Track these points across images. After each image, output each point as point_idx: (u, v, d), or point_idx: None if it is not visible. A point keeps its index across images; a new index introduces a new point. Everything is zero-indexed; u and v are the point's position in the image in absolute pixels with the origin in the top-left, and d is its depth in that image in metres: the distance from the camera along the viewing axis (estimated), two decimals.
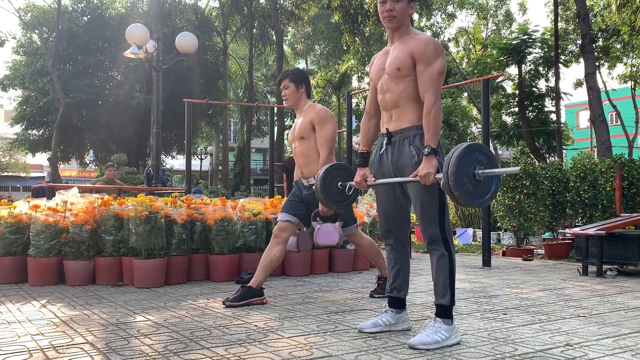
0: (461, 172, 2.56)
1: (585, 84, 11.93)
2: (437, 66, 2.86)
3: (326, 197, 3.36)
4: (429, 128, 2.81)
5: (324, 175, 3.35)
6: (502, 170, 2.65)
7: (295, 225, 4.03)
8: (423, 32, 3.06)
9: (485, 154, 2.65)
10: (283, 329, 3.13)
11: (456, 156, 2.57)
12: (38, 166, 41.05)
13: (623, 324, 3.29)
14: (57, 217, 5.01)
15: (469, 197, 2.59)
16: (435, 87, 2.84)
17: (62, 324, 3.29)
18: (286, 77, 4.18)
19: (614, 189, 6.95)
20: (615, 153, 8.99)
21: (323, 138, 3.97)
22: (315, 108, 4.10)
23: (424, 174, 2.75)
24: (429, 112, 2.81)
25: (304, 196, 4.05)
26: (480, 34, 31.98)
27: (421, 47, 2.88)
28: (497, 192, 2.72)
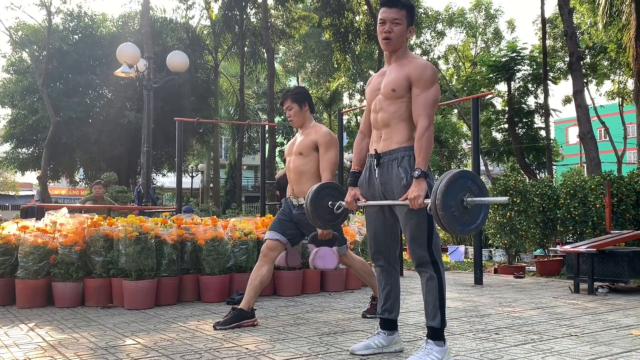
0: (450, 195, 2.56)
1: (574, 101, 12.04)
2: (432, 92, 2.87)
3: (315, 214, 3.34)
4: (420, 152, 2.80)
5: (316, 191, 3.34)
6: (490, 199, 2.65)
7: (283, 244, 4.00)
8: (420, 57, 3.08)
9: (477, 184, 2.65)
10: (274, 352, 3.09)
11: (448, 178, 2.57)
12: (27, 184, 40.76)
13: (615, 343, 3.29)
14: (46, 238, 4.96)
15: (452, 221, 2.57)
16: (429, 112, 2.85)
17: (50, 348, 3.24)
18: (288, 97, 4.11)
19: (604, 205, 6.99)
20: (605, 169, 9.06)
21: (327, 161, 3.92)
22: (321, 130, 4.03)
23: (413, 197, 2.74)
24: (422, 136, 2.80)
25: (293, 215, 4.03)
26: (470, 52, 32.28)
27: (418, 71, 2.88)
28: (483, 224, 2.71)
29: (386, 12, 2.95)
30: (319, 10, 24.10)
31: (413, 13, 2.99)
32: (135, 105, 21.30)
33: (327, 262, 3.89)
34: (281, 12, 24.76)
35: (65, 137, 20.63)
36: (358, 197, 3.12)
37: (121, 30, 22.74)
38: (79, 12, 22.56)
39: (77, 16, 22.47)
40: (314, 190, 3.34)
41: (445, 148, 21.27)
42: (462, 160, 23.78)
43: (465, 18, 30.96)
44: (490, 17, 31.47)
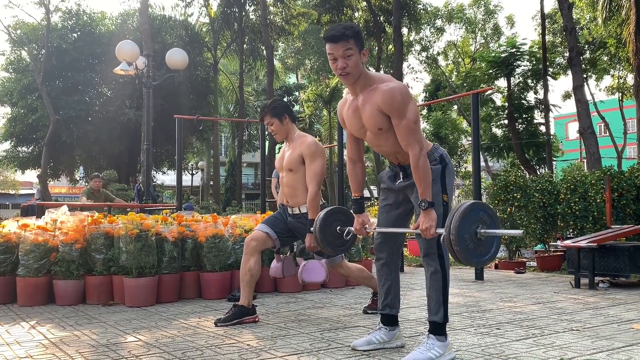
0: (464, 228, 2.55)
1: (574, 97, 12.04)
2: (410, 115, 2.76)
3: (323, 239, 3.31)
4: (420, 182, 2.75)
5: (324, 217, 3.31)
6: (504, 231, 2.64)
7: (271, 239, 3.97)
8: (384, 76, 2.90)
9: (489, 214, 2.64)
10: (276, 348, 3.10)
11: (461, 212, 2.56)
12: (27, 183, 40.79)
13: (616, 338, 3.29)
14: (46, 236, 4.96)
15: (468, 255, 2.57)
16: (416, 136, 2.77)
17: (52, 345, 3.24)
18: (266, 113, 4.05)
19: (604, 200, 6.99)
20: (605, 164, 9.06)
21: (312, 173, 3.88)
22: (306, 141, 3.97)
23: (424, 228, 2.73)
24: (417, 166, 2.75)
25: (288, 222, 4.04)
26: (469, 48, 32.25)
27: (387, 101, 2.77)
28: (497, 254, 2.69)
29: (334, 47, 2.81)
30: (318, 6, 24.08)
31: (360, 36, 2.84)
32: (134, 103, 21.28)
33: (314, 275, 3.89)
34: (280, 9, 24.76)
35: (64, 136, 20.62)
36: (366, 224, 3.11)
37: (120, 28, 22.70)
38: (77, 10, 22.52)
39: (75, 14, 22.43)
40: (322, 218, 3.30)
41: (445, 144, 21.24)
42: (462, 156, 23.75)
43: (465, 14, 30.94)
44: (490, 13, 31.44)
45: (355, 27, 2.86)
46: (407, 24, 25.08)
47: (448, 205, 2.92)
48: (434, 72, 30.35)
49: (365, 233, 3.15)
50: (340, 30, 2.81)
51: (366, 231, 3.13)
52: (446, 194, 2.91)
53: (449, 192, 2.93)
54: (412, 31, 28.32)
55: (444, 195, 2.90)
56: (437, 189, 2.89)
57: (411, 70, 34.33)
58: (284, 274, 4.17)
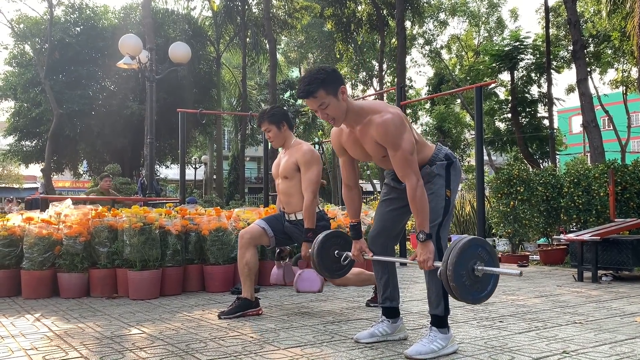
0: (461, 264, 2.52)
1: (577, 90, 12.00)
2: (405, 146, 2.71)
3: (320, 263, 3.28)
4: (417, 213, 2.72)
5: (322, 241, 3.28)
6: (501, 270, 2.59)
7: (267, 236, 3.98)
8: (375, 106, 2.84)
9: (487, 251, 2.61)
10: (279, 340, 3.11)
11: (458, 248, 2.53)
12: (31, 177, 40.85)
13: (619, 330, 3.29)
14: (50, 229, 4.98)
15: (464, 291, 2.54)
16: (412, 167, 2.72)
17: (57, 337, 3.26)
18: (264, 119, 4.06)
19: (608, 194, 6.98)
20: (608, 158, 9.03)
21: (308, 181, 3.87)
22: (301, 149, 3.97)
23: (422, 260, 2.71)
24: (414, 197, 2.71)
25: (285, 226, 4.05)
26: (473, 41, 32.13)
27: (381, 134, 2.73)
28: (493, 292, 2.65)
29: (308, 103, 2.80)
30: (321, 0, 24.01)
31: (330, 81, 2.75)
32: (137, 97, 21.29)
33: (310, 285, 3.90)
34: (283, 3, 24.71)
35: (68, 130, 20.65)
36: (364, 250, 3.09)
37: (123, 22, 22.68)
38: (80, 4, 22.50)
39: (78, 8, 22.41)
40: (320, 241, 3.28)
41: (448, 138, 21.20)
42: (465, 150, 23.72)
43: (468, 7, 30.79)
44: (493, 6, 31.28)
45: (321, 74, 2.76)
46: (410, 17, 25.00)
47: (450, 200, 2.91)
48: (437, 65, 30.25)
49: (363, 260, 3.12)
50: (304, 88, 2.76)
51: (364, 258, 3.10)
52: (449, 189, 2.90)
53: (452, 188, 2.92)
54: (416, 24, 28.23)
55: (447, 190, 2.89)
56: (440, 182, 2.89)
57: (414, 64, 34.30)
58: (285, 280, 4.18)
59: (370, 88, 30.22)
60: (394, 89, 9.36)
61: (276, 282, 4.23)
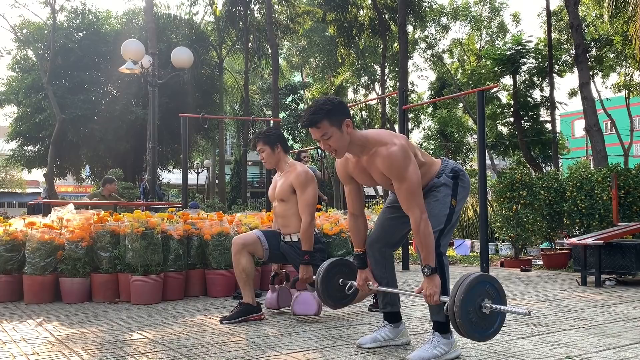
0: (469, 301, 2.51)
1: (580, 94, 11.98)
2: (410, 178, 2.70)
3: (325, 291, 3.26)
4: (422, 247, 2.71)
5: (327, 269, 3.26)
6: (509, 308, 2.57)
7: (262, 247, 3.95)
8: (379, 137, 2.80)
9: (495, 288, 2.60)
10: (281, 345, 3.10)
11: (467, 284, 2.52)
12: (34, 182, 40.94)
13: (623, 335, 3.27)
14: (52, 234, 4.98)
15: (470, 328, 2.53)
16: (417, 200, 2.71)
17: (58, 343, 3.26)
18: (259, 140, 4.05)
19: (611, 198, 6.96)
20: (611, 162, 9.01)
21: (304, 203, 3.86)
22: (295, 171, 3.95)
23: (428, 294, 2.69)
24: (418, 231, 2.70)
25: (281, 246, 4.04)
26: (475, 45, 32.13)
27: (387, 167, 2.73)
28: (500, 329, 2.64)
29: (312, 132, 2.78)
30: (323, 4, 24.07)
31: (335, 112, 2.74)
32: (140, 102, 21.33)
33: (307, 308, 3.86)
34: (285, 7, 24.76)
35: (71, 135, 20.68)
36: (369, 280, 3.07)
37: (125, 27, 22.74)
38: (83, 9, 22.57)
39: (81, 13, 22.48)
40: (324, 269, 3.26)
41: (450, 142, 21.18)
42: (468, 154, 23.69)
43: (470, 11, 30.82)
44: (495, 10, 31.31)
45: (327, 105, 2.75)
46: (412, 21, 25.04)
47: (455, 210, 2.90)
48: (439, 69, 30.26)
49: (368, 290, 3.10)
50: (309, 117, 2.75)
51: (369, 288, 3.08)
52: (455, 199, 2.89)
53: (458, 199, 2.91)
54: (418, 29, 28.27)
55: (453, 200, 2.88)
56: (447, 192, 2.88)
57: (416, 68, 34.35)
58: (279, 305, 4.17)
59: (372, 92, 30.25)
60: (396, 93, 9.36)
61: (270, 307, 4.20)
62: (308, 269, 3.78)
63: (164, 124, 19.41)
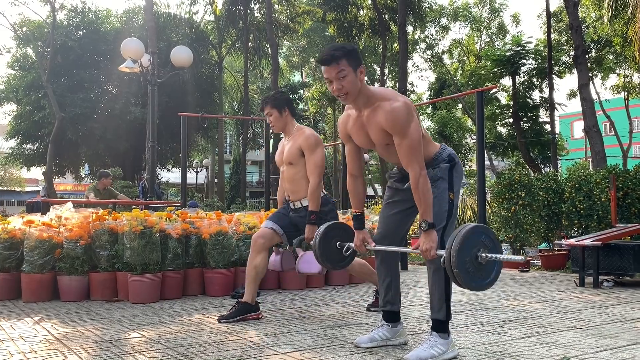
0: (465, 251, 2.53)
1: (579, 95, 12.00)
2: (412, 135, 2.72)
3: (323, 254, 3.27)
4: (420, 202, 2.73)
5: (324, 232, 3.27)
6: (505, 257, 2.61)
7: (278, 235, 3.96)
8: (386, 93, 2.84)
9: (491, 239, 2.62)
10: (279, 345, 3.10)
11: (462, 235, 2.53)
12: (33, 180, 40.91)
13: (620, 336, 3.28)
14: (51, 232, 4.98)
15: (467, 278, 2.55)
16: (417, 156, 2.73)
17: (56, 341, 3.26)
18: (267, 103, 4.06)
19: (609, 199, 6.96)
20: (610, 163, 9.02)
21: (312, 165, 3.88)
22: (304, 133, 3.97)
23: (424, 249, 2.72)
24: (417, 186, 2.72)
25: (291, 217, 4.03)
26: (474, 46, 32.15)
27: (389, 121, 2.75)
28: (497, 279, 2.66)
29: (327, 70, 2.79)
30: (323, 4, 24.06)
31: (353, 55, 2.79)
32: (140, 101, 21.32)
33: (310, 267, 3.87)
34: (285, 7, 24.76)
35: (70, 133, 20.67)
36: (367, 241, 3.09)
37: (125, 26, 22.73)
38: (83, 7, 22.57)
39: (81, 12, 22.47)
40: (322, 232, 3.26)
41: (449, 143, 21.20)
42: (467, 155, 23.71)
43: (470, 12, 30.83)
44: (495, 11, 31.32)
45: (347, 46, 2.82)
46: (412, 22, 25.04)
47: (454, 203, 2.91)
48: (438, 70, 30.28)
49: (365, 250, 3.12)
50: (329, 52, 2.78)
51: (366, 248, 3.10)
52: (452, 192, 2.91)
53: (455, 190, 2.93)
54: (417, 29, 28.26)
55: (450, 193, 2.90)
56: (444, 186, 2.89)
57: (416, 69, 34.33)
58: (282, 267, 4.17)
59: None
60: None
61: (274, 269, 4.22)
62: (314, 228, 3.71)
63: (163, 123, 19.41)
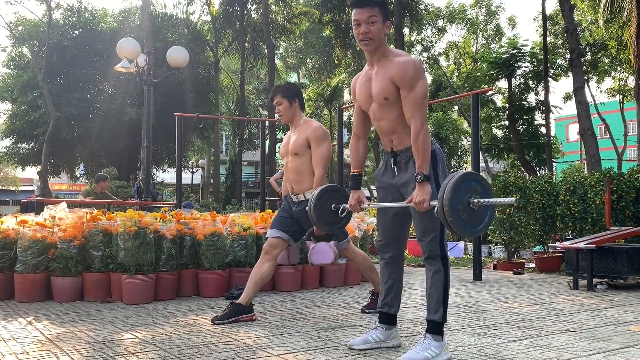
0: (456, 199, 2.54)
1: (574, 98, 12.04)
2: (419, 89, 2.82)
3: (319, 217, 3.30)
4: (418, 155, 2.78)
5: (318, 196, 3.30)
6: (497, 200, 2.64)
7: (285, 241, 4.00)
8: (401, 52, 3.00)
9: (482, 184, 2.64)
10: (272, 347, 3.09)
11: (453, 183, 2.55)
12: (28, 180, 40.78)
13: (613, 339, 3.28)
14: (45, 232, 4.96)
15: (461, 225, 2.57)
16: (421, 111, 2.82)
17: (48, 342, 3.24)
18: (278, 93, 4.10)
19: (604, 202, 6.98)
20: (605, 166, 9.05)
21: (319, 156, 3.91)
22: (312, 125, 4.01)
23: (418, 201, 2.74)
24: (417, 138, 2.78)
25: (293, 212, 4.02)
26: (471, 48, 32.24)
27: (400, 72, 2.83)
28: (491, 223, 2.69)
29: (359, 12, 2.88)
30: (320, 6, 24.07)
31: (386, 8, 2.93)
32: (136, 101, 21.28)
33: (323, 257, 3.87)
34: (282, 8, 24.74)
35: (65, 133, 20.63)
36: (362, 200, 3.11)
37: (121, 26, 22.70)
38: (79, 7, 22.53)
39: (77, 11, 22.44)
40: (316, 196, 3.29)
41: (445, 144, 21.25)
42: (463, 157, 23.76)
43: (466, 14, 30.93)
44: (491, 14, 31.44)
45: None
46: (409, 24, 25.05)
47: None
48: (435, 72, 30.33)
49: (360, 209, 3.16)
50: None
51: (361, 208, 3.13)
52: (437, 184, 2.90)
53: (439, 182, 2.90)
54: (414, 31, 28.29)
55: None
56: (432, 190, 2.88)
57: None
58: (289, 260, 4.20)
59: None
60: None
61: (281, 262, 4.23)
62: None
63: (159, 123, 19.38)
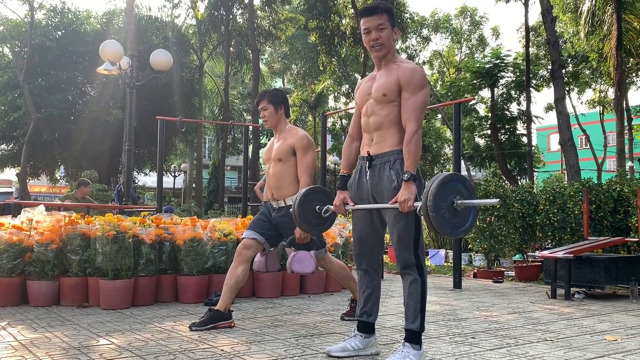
0: (441, 197, 2.57)
1: (555, 109, 12.18)
2: (421, 96, 2.90)
3: (302, 218, 3.30)
4: (409, 155, 2.82)
5: (304, 194, 3.31)
6: (480, 201, 2.66)
7: (260, 244, 3.96)
8: (410, 61, 3.11)
9: (467, 188, 2.67)
10: (250, 354, 3.07)
11: (439, 181, 2.58)
12: (7, 181, 40.11)
13: (589, 348, 3.31)
14: (21, 235, 4.89)
15: (443, 223, 2.58)
16: (418, 115, 2.88)
17: (22, 347, 3.19)
18: (264, 98, 4.07)
19: (582, 212, 7.07)
20: (585, 177, 9.16)
21: (305, 165, 3.90)
22: (297, 134, 3.99)
23: (402, 200, 2.75)
24: (410, 140, 2.83)
25: (272, 218, 4.01)
26: (454, 57, 32.51)
27: (407, 75, 2.92)
28: (471, 228, 2.71)
29: (368, 21, 2.98)
30: (306, 12, 24.11)
31: (393, 15, 3.02)
32: (118, 104, 21.07)
33: (304, 266, 3.86)
34: (268, 13, 24.74)
35: (46, 134, 20.34)
36: (347, 201, 3.11)
37: (105, 28, 22.49)
38: (62, 8, 22.29)
39: (60, 12, 22.18)
40: (302, 194, 3.30)
41: (428, 152, 21.37)
42: (445, 165, 23.91)
43: (451, 24, 31.20)
44: (476, 24, 31.74)
45: (389, 5, 3.08)
46: None
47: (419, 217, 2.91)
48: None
49: (344, 211, 3.16)
50: (375, 4, 3.01)
51: (345, 209, 3.13)
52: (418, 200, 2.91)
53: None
54: (399, 40, 28.49)
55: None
56: None
57: None
58: (267, 268, 4.16)
59: (352, 101, 30.27)
60: None
61: (259, 269, 4.21)
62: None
63: (142, 126, 19.22)
